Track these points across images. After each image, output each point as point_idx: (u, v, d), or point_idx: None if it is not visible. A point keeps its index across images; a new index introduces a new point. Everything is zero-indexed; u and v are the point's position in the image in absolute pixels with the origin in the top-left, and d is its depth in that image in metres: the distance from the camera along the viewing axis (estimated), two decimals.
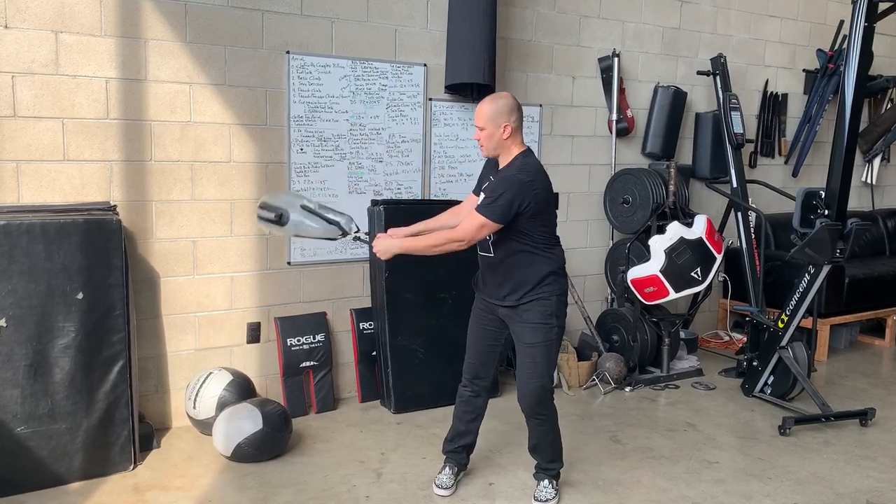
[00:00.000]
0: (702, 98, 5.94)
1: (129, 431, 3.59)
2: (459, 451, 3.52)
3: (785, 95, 6.44)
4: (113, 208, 3.65)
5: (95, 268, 3.47)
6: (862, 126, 6.93)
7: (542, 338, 3.19)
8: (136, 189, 3.91)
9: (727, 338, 6.13)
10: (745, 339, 5.23)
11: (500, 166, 3.24)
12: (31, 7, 3.57)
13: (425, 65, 4.68)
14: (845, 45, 4.90)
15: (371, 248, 3.34)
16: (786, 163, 6.55)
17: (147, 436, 3.84)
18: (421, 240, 3.26)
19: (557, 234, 3.33)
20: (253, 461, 3.69)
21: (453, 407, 3.53)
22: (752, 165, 6.34)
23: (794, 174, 6.56)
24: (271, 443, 3.72)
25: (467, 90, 4.67)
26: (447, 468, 3.51)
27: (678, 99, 5.65)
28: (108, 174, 3.83)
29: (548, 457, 3.40)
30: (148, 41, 3.86)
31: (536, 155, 5.12)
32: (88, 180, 3.79)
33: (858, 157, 7.00)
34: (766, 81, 6.32)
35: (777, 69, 6.37)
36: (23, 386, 3.34)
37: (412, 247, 3.25)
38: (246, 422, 3.69)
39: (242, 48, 4.11)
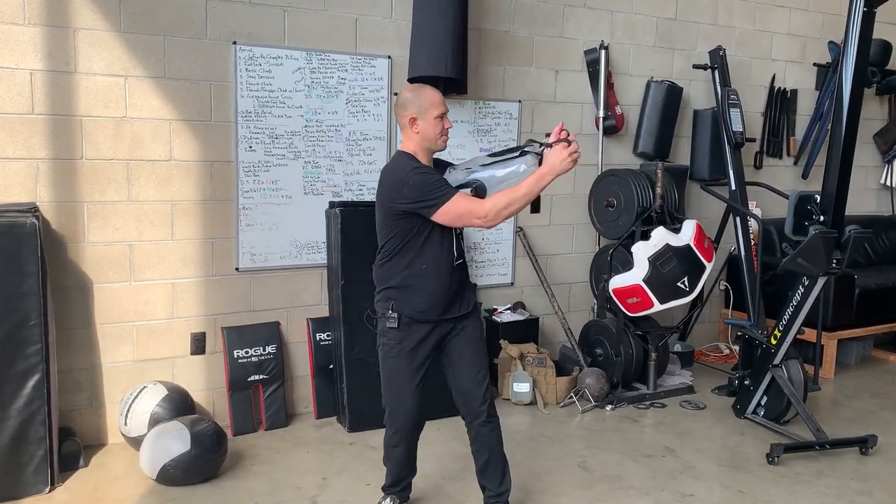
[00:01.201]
0: (700, 94, 5.54)
1: (46, 451, 3.32)
2: (403, 490, 3.20)
3: (794, 91, 6.00)
4: (33, 210, 3.38)
5: (7, 275, 3.22)
6: (881, 124, 6.49)
7: (483, 331, 3.04)
8: (66, 189, 3.65)
9: (727, 351, 5.72)
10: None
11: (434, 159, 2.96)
12: None
13: (389, 57, 4.35)
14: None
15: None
16: (795, 163, 6.11)
17: (73, 454, 3.58)
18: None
19: None
20: (180, 485, 3.41)
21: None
22: (758, 166, 5.91)
23: (805, 176, 6.12)
24: (200, 465, 3.43)
25: (433, 84, 4.32)
26: (388, 501, 3.18)
27: (673, 94, 5.26)
28: (33, 173, 3.57)
29: (499, 474, 3.06)
30: (77, 30, 3.59)
31: None
32: (11, 180, 3.53)
33: (877, 158, 6.55)
34: (773, 76, 5.89)
35: (785, 63, 5.93)
36: None
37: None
38: (173, 442, 3.41)
39: (184, 38, 3.83)
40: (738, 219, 5.10)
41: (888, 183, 6.58)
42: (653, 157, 5.24)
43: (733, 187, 5.13)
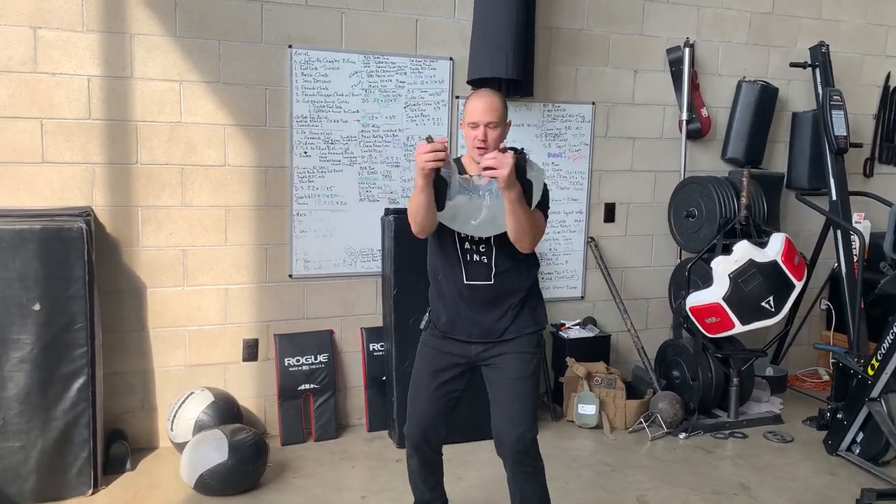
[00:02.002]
0: (800, 95, 5.06)
1: (90, 453, 3.34)
2: None
3: None
4: (84, 214, 3.42)
5: (54, 278, 3.25)
6: None
7: (531, 370, 2.70)
8: (121, 193, 3.69)
9: (827, 377, 5.19)
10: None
11: (465, 169, 2.69)
12: (7, 2, 3.41)
13: (451, 59, 4.18)
14: None
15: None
16: None
17: (120, 457, 3.61)
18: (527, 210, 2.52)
19: None
20: (216, 495, 3.36)
21: (455, 448, 3.02)
22: (868, 174, 5.36)
23: None
24: (237, 476, 3.37)
25: (496, 86, 4.11)
26: None
27: (767, 96, 4.82)
28: (90, 177, 3.62)
29: None
30: (134, 36, 3.61)
31: (586, 160, 4.57)
32: (68, 183, 3.59)
33: None
34: (888, 75, 5.31)
35: None
36: None
37: (522, 206, 2.49)
38: (211, 451, 3.36)
39: (239, 42, 3.79)
40: (838, 233, 4.61)
41: None
42: (743, 164, 4.80)
43: (834, 197, 4.64)
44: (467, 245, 2.69)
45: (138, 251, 3.75)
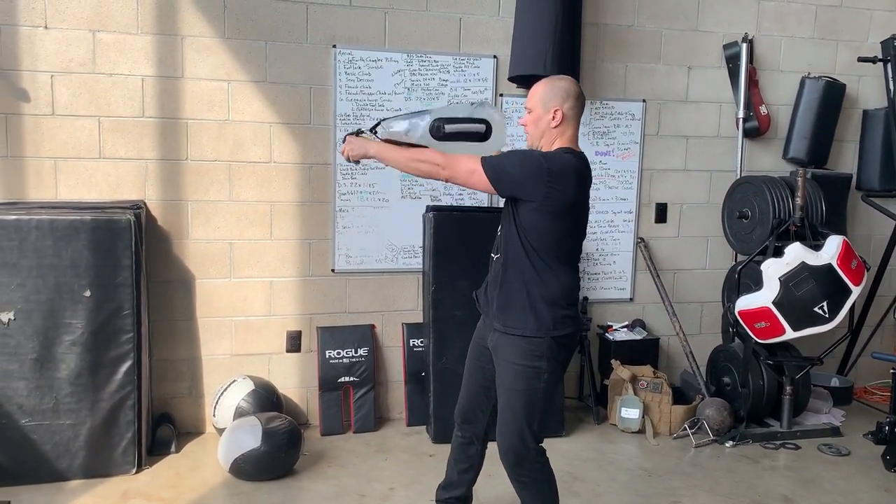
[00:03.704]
0: (872, 92, 4.80)
1: (135, 434, 3.52)
2: (446, 501, 3.02)
3: None
4: (135, 207, 3.61)
5: (103, 267, 3.44)
6: None
7: (523, 384, 2.59)
8: (172, 188, 3.86)
9: None
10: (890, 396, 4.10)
11: None
12: (69, 7, 3.63)
13: (495, 56, 4.18)
14: None
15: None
16: None
17: (165, 439, 3.78)
18: (404, 150, 2.70)
19: (576, 260, 2.72)
20: (249, 479, 3.47)
21: (491, 445, 2.96)
22: None
23: None
24: (270, 462, 3.46)
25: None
26: None
27: (832, 92, 4.60)
28: (143, 172, 3.81)
29: None
30: (185, 38, 3.79)
31: (636, 158, 4.47)
32: (123, 178, 3.79)
33: None
34: None
35: None
36: (28, 379, 3.38)
37: (391, 154, 2.70)
38: (246, 437, 3.47)
39: (285, 43, 3.92)
40: None
41: None
42: (806, 164, 4.61)
43: None
44: (502, 216, 2.70)
45: (188, 243, 3.92)
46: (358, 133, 2.80)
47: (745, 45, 4.45)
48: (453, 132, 2.71)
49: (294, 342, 4.12)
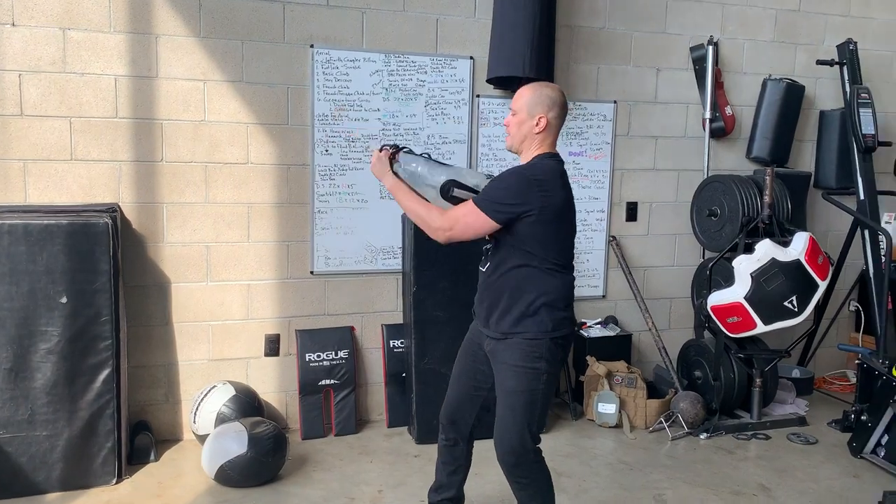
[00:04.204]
0: (828, 94, 4.99)
1: (114, 443, 3.42)
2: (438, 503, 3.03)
3: None
4: (111, 210, 3.51)
5: (80, 272, 3.34)
6: None
7: (524, 385, 2.62)
8: (147, 190, 3.77)
9: (854, 379, 5.10)
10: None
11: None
12: (38, 4, 3.51)
13: (472, 58, 4.20)
14: None
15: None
16: None
17: (144, 448, 3.69)
18: (411, 197, 2.76)
19: (571, 261, 2.75)
20: (236, 486, 3.41)
21: (477, 445, 3.01)
22: None
23: None
24: (257, 468, 3.42)
25: (515, 84, 4.12)
26: None
27: (793, 94, 4.76)
28: (116, 174, 3.71)
29: None
30: (159, 37, 3.70)
31: (607, 158, 4.55)
32: (96, 180, 3.69)
33: None
34: None
35: None
36: (2, 389, 3.26)
37: (400, 197, 2.78)
38: (231, 443, 3.42)
39: (262, 42, 3.86)
40: (866, 232, 4.55)
41: None
42: (768, 163, 4.75)
43: (862, 197, 4.59)
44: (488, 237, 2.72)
45: (163, 247, 3.83)
46: (396, 150, 2.84)
47: (710, 48, 4.58)
48: (459, 197, 2.75)
49: (272, 346, 4.07)
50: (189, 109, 3.78)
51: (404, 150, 2.88)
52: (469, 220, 2.60)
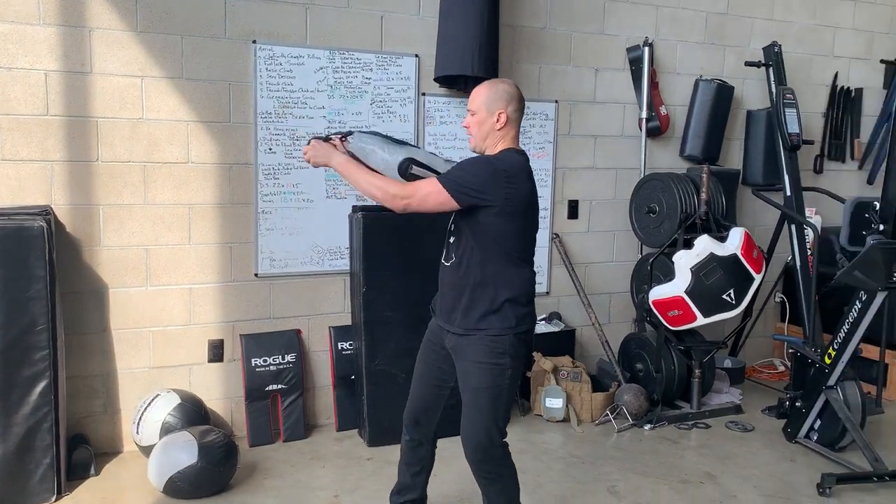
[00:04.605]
0: (754, 94, 5.20)
1: (53, 459, 3.24)
2: None
3: (859, 90, 5.60)
4: (44, 213, 3.32)
5: (14, 279, 3.15)
6: None
7: (489, 381, 2.62)
8: (81, 192, 3.59)
9: (783, 368, 5.35)
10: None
11: None
12: None
13: (417, 56, 4.18)
14: None
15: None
16: (860, 168, 5.70)
17: (84, 462, 3.51)
18: (367, 173, 2.68)
19: (533, 256, 2.78)
20: (186, 497, 3.29)
21: None
22: (818, 171, 5.54)
23: (870, 181, 5.70)
24: (208, 478, 3.30)
25: (461, 83, 4.14)
26: None
27: (723, 94, 4.94)
28: (48, 175, 3.52)
29: None
30: (93, 30, 3.52)
31: (550, 157, 4.61)
32: (26, 182, 3.48)
33: None
34: (836, 74, 5.50)
35: (849, 60, 5.54)
36: None
37: (353, 172, 2.68)
38: (181, 453, 3.29)
39: (202, 38, 3.73)
40: (793, 227, 4.76)
41: None
42: (701, 161, 4.93)
43: (788, 193, 4.79)
44: (451, 226, 2.71)
45: (99, 251, 3.65)
46: (326, 139, 2.73)
47: (646, 49, 4.70)
48: (417, 175, 2.72)
49: (216, 351, 3.94)
50: (126, 107, 3.62)
51: (348, 133, 2.82)
52: (430, 194, 2.56)
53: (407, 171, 2.73)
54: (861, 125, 5.63)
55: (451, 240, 2.72)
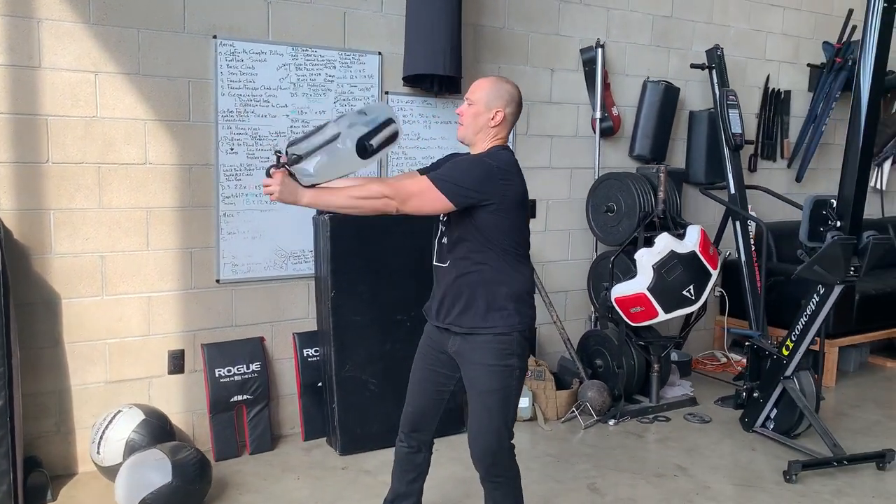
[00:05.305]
0: (696, 95, 5.37)
1: (10, 485, 2.98)
2: None
3: (788, 92, 5.87)
4: None
5: None
6: None
7: (498, 384, 2.58)
8: (30, 196, 3.33)
9: (724, 359, 5.55)
10: (745, 362, 4.65)
11: None
12: None
13: (380, 53, 4.09)
14: (856, 37, 4.33)
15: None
16: (789, 166, 5.98)
17: (40, 487, 3.26)
18: (342, 191, 2.47)
19: (528, 252, 2.73)
20: None
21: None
22: (752, 169, 5.77)
23: (798, 179, 5.99)
24: (183, 497, 3.12)
25: (428, 83, 4.08)
26: None
27: (669, 95, 5.08)
28: None
29: None
30: (41, 21, 3.27)
31: None
32: None
33: None
34: (768, 77, 5.75)
35: (779, 63, 5.80)
36: None
37: (325, 198, 2.46)
38: (153, 473, 3.10)
39: (160, 32, 3.53)
40: (737, 223, 4.95)
41: (878, 185, 6.48)
42: (649, 160, 5.05)
43: (732, 191, 4.99)
44: (441, 226, 2.65)
45: (51, 259, 3.40)
46: (281, 163, 2.41)
47: (599, 51, 4.76)
48: (379, 145, 2.55)
49: (177, 362, 3.74)
50: (79, 104, 3.38)
51: (285, 155, 2.43)
52: (425, 197, 2.46)
53: (368, 152, 2.52)
54: (790, 126, 5.90)
55: (444, 240, 2.66)
